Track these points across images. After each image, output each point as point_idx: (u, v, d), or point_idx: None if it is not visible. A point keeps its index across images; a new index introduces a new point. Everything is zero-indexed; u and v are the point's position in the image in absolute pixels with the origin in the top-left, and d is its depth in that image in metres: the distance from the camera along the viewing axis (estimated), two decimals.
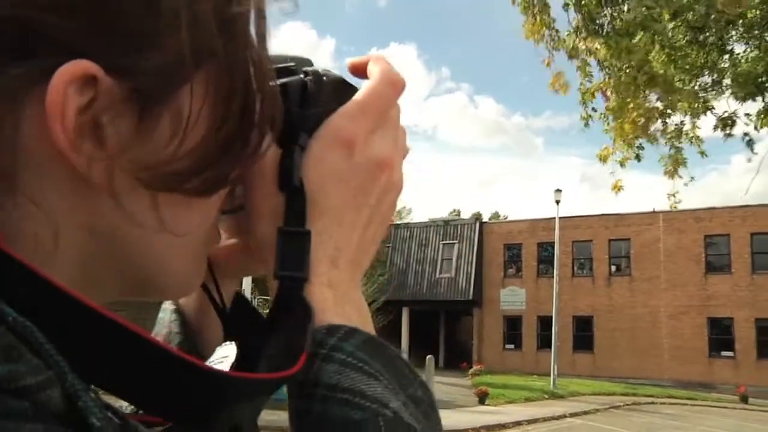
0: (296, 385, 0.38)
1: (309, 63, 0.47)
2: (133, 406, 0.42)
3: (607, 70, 7.69)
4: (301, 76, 0.45)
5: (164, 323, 0.53)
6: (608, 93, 7.75)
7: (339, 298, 0.42)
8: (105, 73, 0.32)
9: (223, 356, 0.49)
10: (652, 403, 21.48)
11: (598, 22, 7.46)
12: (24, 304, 0.29)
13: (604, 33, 7.31)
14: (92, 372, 0.31)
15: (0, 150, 0.32)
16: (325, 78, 0.46)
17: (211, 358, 0.50)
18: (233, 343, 0.49)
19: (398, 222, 36.14)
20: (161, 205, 0.37)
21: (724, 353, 27.12)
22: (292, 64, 0.46)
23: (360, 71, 0.48)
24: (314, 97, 0.44)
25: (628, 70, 7.32)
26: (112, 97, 0.33)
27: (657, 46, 7.39)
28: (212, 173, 0.38)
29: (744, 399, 22.59)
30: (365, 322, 0.43)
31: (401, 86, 0.47)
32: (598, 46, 7.09)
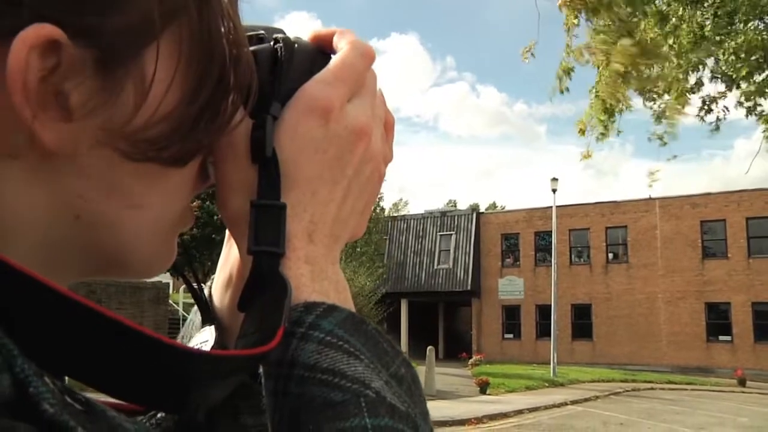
0: (273, 365, 0.37)
1: (280, 32, 0.45)
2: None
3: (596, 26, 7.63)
4: (272, 44, 0.43)
5: (195, 325, 0.51)
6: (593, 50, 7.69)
7: (316, 274, 0.41)
8: (68, 37, 0.31)
9: (203, 341, 0.46)
10: (652, 389, 21.62)
11: None
12: None
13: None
14: (55, 358, 0.29)
15: None
16: (296, 45, 0.44)
17: (191, 343, 0.47)
18: (212, 326, 0.47)
19: (395, 214, 36.14)
20: (132, 177, 0.36)
21: (721, 338, 27.30)
22: (262, 32, 0.44)
23: (325, 43, 0.46)
24: (286, 66, 0.43)
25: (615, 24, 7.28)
26: (75, 62, 0.31)
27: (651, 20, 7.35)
28: (187, 141, 0.37)
29: (742, 382, 22.77)
30: (344, 299, 0.41)
31: (372, 56, 0.46)
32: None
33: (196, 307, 0.53)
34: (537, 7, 7.73)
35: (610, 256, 30.42)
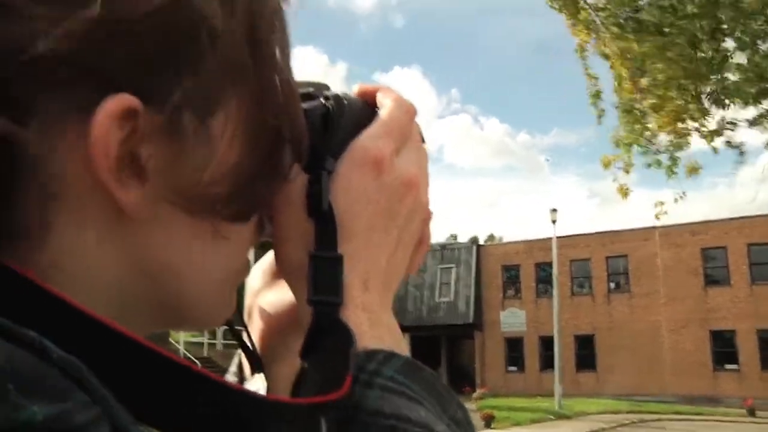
0: (337, 411, 0.37)
1: (326, 87, 0.47)
2: None
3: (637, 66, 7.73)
4: (322, 100, 0.45)
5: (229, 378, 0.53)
6: (639, 86, 7.79)
7: (373, 321, 0.42)
8: (144, 103, 0.32)
9: (254, 389, 0.48)
10: (659, 419, 21.26)
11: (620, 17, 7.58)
12: (65, 340, 0.28)
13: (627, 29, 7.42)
14: (138, 405, 0.31)
15: (40, 184, 0.32)
16: (346, 102, 0.45)
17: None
18: (261, 375, 0.49)
19: None
20: (198, 235, 0.37)
21: (728, 366, 26.97)
22: (311, 89, 0.46)
23: (370, 98, 0.48)
24: (337, 121, 0.44)
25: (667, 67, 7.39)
26: (149, 127, 0.33)
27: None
28: (249, 197, 0.39)
29: (751, 412, 22.40)
30: (399, 345, 0.42)
31: (414, 111, 0.48)
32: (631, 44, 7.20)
33: (236, 361, 0.53)
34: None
35: (612, 285, 30.26)
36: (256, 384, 0.49)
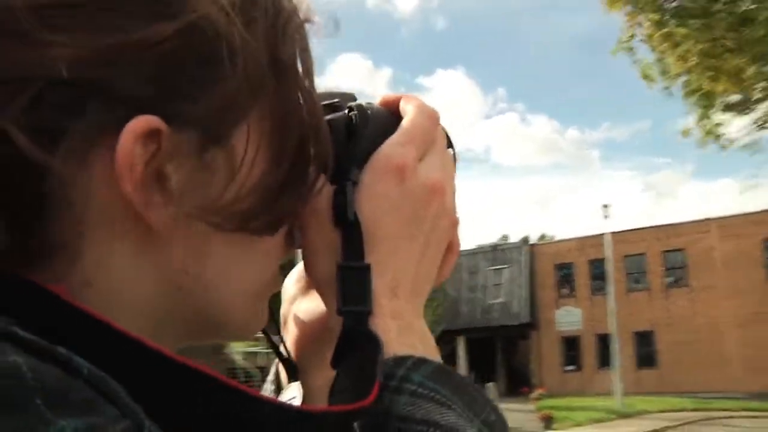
0: (368, 418, 0.37)
1: (353, 98, 0.48)
2: None
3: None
4: (346, 111, 0.46)
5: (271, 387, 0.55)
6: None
7: (403, 329, 0.42)
8: (166, 124, 0.33)
9: (291, 397, 0.50)
10: (729, 417, 20.65)
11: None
12: (95, 356, 0.29)
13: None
14: (170, 419, 0.31)
15: (70, 204, 0.33)
16: (370, 112, 0.47)
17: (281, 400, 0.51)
18: (297, 383, 0.51)
19: None
20: (225, 247, 0.38)
21: None
22: (337, 100, 0.47)
23: (393, 107, 0.49)
24: (360, 132, 0.45)
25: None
26: (173, 146, 0.34)
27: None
28: (274, 211, 0.40)
29: None
30: (431, 351, 0.43)
31: (437, 117, 0.48)
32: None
33: (273, 369, 0.55)
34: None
35: (670, 280, 29.56)
36: (292, 392, 0.50)
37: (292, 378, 0.51)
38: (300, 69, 0.41)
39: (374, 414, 0.37)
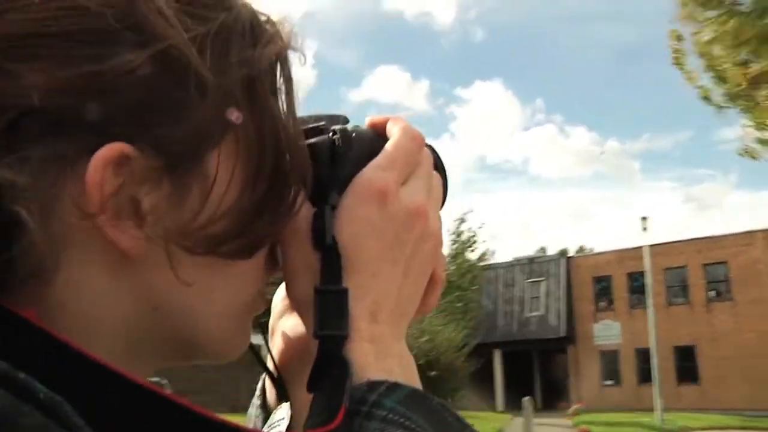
0: None
1: (344, 120, 0.48)
2: None
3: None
4: (330, 134, 0.46)
5: (250, 418, 0.56)
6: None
7: (381, 353, 0.42)
8: (137, 150, 0.34)
9: (279, 419, 0.51)
10: None
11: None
12: (57, 379, 0.29)
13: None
14: None
15: (44, 228, 0.33)
16: (354, 135, 0.46)
17: (270, 421, 0.52)
18: (287, 403, 0.51)
19: (482, 263, 36.01)
20: (199, 270, 0.38)
21: None
22: (323, 123, 0.47)
23: (381, 129, 0.49)
24: (343, 156, 0.45)
25: None
26: (144, 172, 0.35)
27: None
28: (249, 234, 0.40)
29: None
30: (408, 375, 0.42)
31: (421, 139, 0.48)
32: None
33: (254, 399, 0.56)
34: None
35: (712, 294, 28.88)
36: (281, 413, 0.51)
37: (281, 398, 0.51)
38: (280, 96, 0.41)
39: None
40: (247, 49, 0.39)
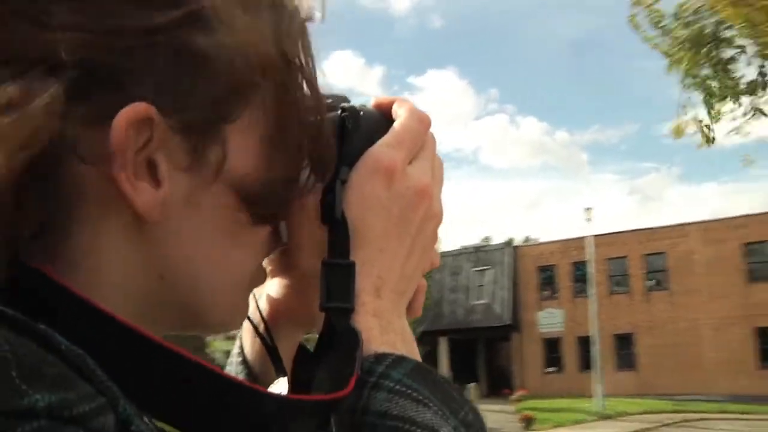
0: (345, 412, 0.39)
1: (345, 99, 0.49)
2: None
3: None
4: (339, 112, 0.46)
5: (231, 373, 0.56)
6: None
7: (384, 327, 0.43)
8: (159, 112, 0.34)
9: (278, 391, 0.50)
10: (705, 419, 20.85)
11: None
12: (75, 333, 0.30)
13: None
14: (150, 401, 0.32)
15: (61, 186, 0.34)
16: (362, 113, 0.47)
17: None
18: (285, 379, 0.51)
19: None
20: (211, 237, 0.39)
21: None
22: (330, 100, 0.47)
23: (386, 110, 0.50)
24: (351, 133, 0.46)
25: None
26: (165, 136, 0.35)
27: None
28: (266, 203, 0.40)
29: None
30: (411, 350, 0.43)
31: (428, 121, 0.49)
32: None
33: (232, 356, 0.55)
34: None
35: (651, 283, 29.80)
36: (278, 387, 0.51)
37: (279, 371, 0.51)
38: (304, 68, 0.41)
39: (352, 409, 0.38)
40: (276, 19, 0.39)
